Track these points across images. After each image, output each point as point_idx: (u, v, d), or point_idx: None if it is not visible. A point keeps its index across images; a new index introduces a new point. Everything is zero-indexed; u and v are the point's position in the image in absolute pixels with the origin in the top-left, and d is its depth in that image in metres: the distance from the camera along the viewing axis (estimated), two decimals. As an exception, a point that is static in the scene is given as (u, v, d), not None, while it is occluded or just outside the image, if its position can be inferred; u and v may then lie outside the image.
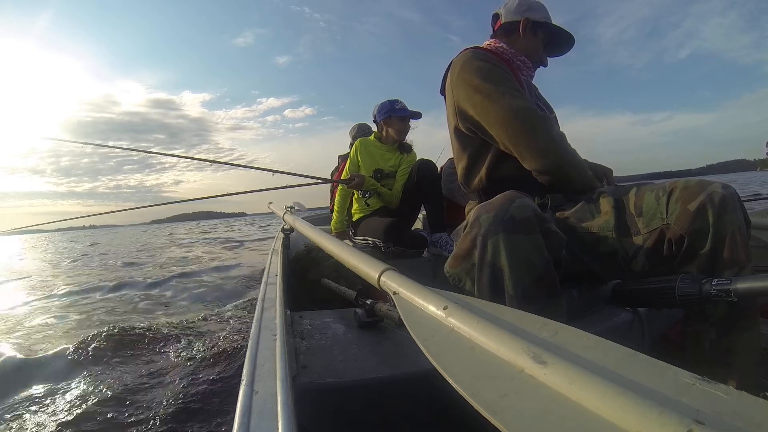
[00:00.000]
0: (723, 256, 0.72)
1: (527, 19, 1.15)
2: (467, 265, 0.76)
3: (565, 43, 1.24)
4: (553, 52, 1.25)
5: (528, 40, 1.16)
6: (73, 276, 5.21)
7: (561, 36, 1.21)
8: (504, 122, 0.98)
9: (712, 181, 0.77)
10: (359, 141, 2.18)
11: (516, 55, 1.15)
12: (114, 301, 3.21)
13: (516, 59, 1.14)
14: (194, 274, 4.40)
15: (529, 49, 1.16)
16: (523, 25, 1.15)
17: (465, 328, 0.41)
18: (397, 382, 0.66)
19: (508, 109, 0.97)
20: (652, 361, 0.32)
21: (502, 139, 1.00)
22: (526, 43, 1.16)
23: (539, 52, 1.18)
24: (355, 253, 0.73)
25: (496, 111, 0.99)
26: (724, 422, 0.24)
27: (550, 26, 1.18)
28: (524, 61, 1.16)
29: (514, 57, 1.14)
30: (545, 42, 1.18)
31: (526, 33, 1.15)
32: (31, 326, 2.43)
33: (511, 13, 1.17)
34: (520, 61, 1.15)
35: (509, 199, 0.72)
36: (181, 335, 1.96)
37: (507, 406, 0.31)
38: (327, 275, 1.46)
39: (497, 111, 0.99)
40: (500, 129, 0.99)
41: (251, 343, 0.59)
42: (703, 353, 0.76)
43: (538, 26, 1.16)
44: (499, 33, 1.19)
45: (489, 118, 1.00)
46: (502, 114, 0.98)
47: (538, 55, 1.19)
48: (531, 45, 1.16)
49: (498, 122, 0.99)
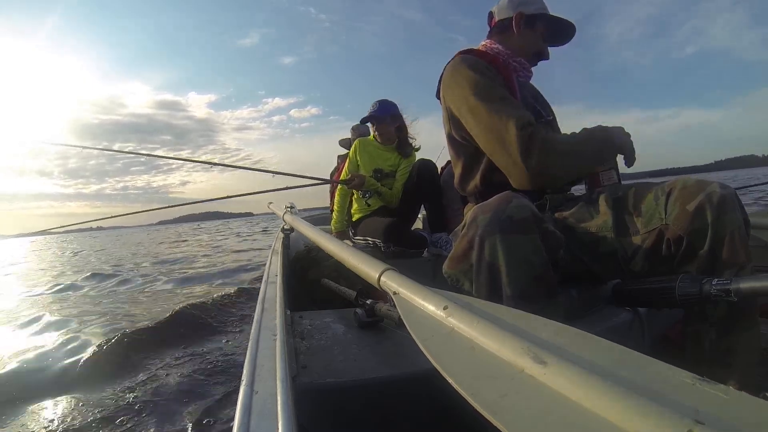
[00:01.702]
0: (722, 256, 0.72)
1: (521, 13, 1.10)
2: (465, 266, 0.76)
3: (566, 32, 1.19)
4: (554, 43, 1.19)
5: (524, 36, 1.11)
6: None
7: (560, 25, 1.16)
8: (491, 143, 0.96)
9: (711, 181, 0.77)
10: (358, 141, 2.18)
11: (511, 56, 1.10)
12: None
13: (511, 60, 1.10)
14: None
15: (527, 45, 1.12)
16: (516, 21, 1.10)
17: (465, 328, 0.41)
18: (397, 382, 0.66)
19: (496, 130, 0.93)
20: (652, 361, 0.32)
21: (489, 156, 0.99)
22: (523, 39, 1.11)
23: (538, 45, 1.13)
24: (355, 253, 0.73)
25: (483, 131, 0.96)
26: (724, 422, 0.24)
27: (547, 17, 1.13)
28: (521, 62, 1.12)
29: (509, 58, 1.10)
30: (544, 34, 1.13)
31: (522, 28, 1.11)
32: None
33: (504, 10, 1.13)
34: (515, 62, 1.11)
35: (506, 200, 0.72)
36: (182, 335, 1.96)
37: (507, 406, 0.31)
38: (327, 275, 1.46)
39: (484, 131, 0.96)
40: (487, 148, 0.98)
41: (251, 343, 0.59)
42: (703, 353, 0.76)
43: (533, 19, 1.11)
44: (494, 32, 1.16)
45: (478, 137, 0.99)
46: (488, 135, 0.95)
47: (538, 49, 1.13)
48: (528, 40, 1.11)
49: (485, 141, 0.97)
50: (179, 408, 1.25)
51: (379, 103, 2.11)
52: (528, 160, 0.90)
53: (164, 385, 1.42)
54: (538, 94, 1.20)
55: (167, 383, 1.43)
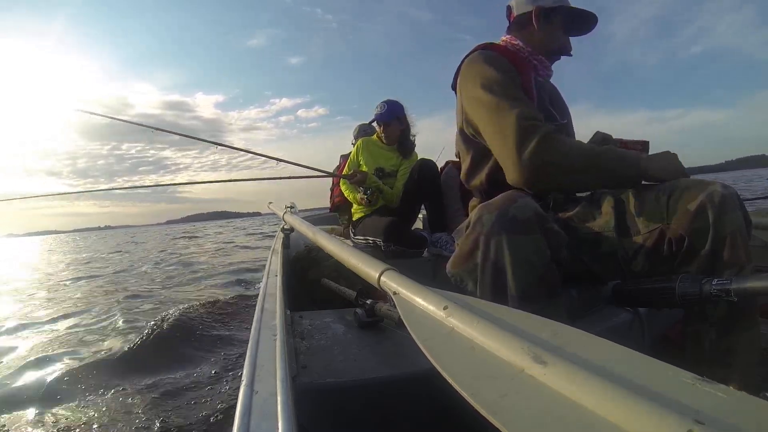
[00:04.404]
0: (723, 256, 0.72)
1: (539, 7, 1.05)
2: (469, 266, 0.76)
3: (587, 22, 1.12)
4: (575, 33, 1.13)
5: (544, 31, 1.06)
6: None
7: (581, 17, 1.10)
8: (493, 137, 0.94)
9: (712, 180, 0.77)
10: (361, 141, 2.18)
11: (532, 53, 1.06)
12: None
13: (532, 58, 1.06)
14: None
15: (547, 41, 1.07)
16: (536, 16, 1.05)
17: (465, 328, 0.41)
18: (397, 382, 0.66)
19: (498, 123, 0.91)
20: (652, 361, 0.32)
21: (492, 150, 0.97)
22: (543, 34, 1.06)
23: (560, 40, 1.08)
24: (355, 253, 0.73)
25: (489, 124, 0.94)
26: (724, 422, 0.24)
27: (566, 9, 1.07)
28: (541, 60, 1.07)
29: (530, 56, 1.06)
30: (565, 27, 1.08)
31: (541, 23, 1.06)
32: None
33: (522, 4, 1.08)
34: (536, 60, 1.07)
35: (511, 199, 0.72)
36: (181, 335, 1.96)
37: (507, 406, 0.31)
38: (327, 275, 1.46)
39: (489, 124, 0.94)
40: (490, 141, 0.96)
41: (251, 343, 0.59)
42: (703, 353, 0.76)
43: (552, 12, 1.06)
44: (514, 28, 1.11)
45: (485, 131, 0.97)
46: (492, 128, 0.94)
47: (559, 44, 1.09)
48: (548, 35, 1.06)
49: (490, 135, 0.96)
50: (179, 408, 1.25)
51: (387, 104, 2.09)
52: (522, 150, 0.86)
53: (164, 385, 1.42)
54: (556, 94, 1.15)
55: (167, 382, 1.43)
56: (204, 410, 1.22)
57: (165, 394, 1.34)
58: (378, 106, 2.10)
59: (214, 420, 1.16)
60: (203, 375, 1.49)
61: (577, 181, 0.89)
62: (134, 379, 1.49)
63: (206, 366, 1.57)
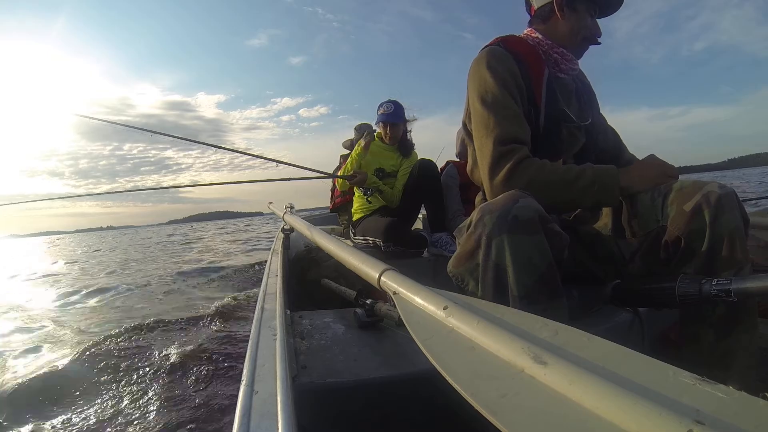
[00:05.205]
0: (721, 256, 0.72)
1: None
2: (471, 265, 0.76)
3: (611, 3, 1.04)
4: (603, 14, 1.06)
5: (569, 21, 0.99)
6: None
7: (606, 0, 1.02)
8: (477, 150, 0.93)
9: (709, 181, 0.77)
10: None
11: (552, 46, 1.00)
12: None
13: (552, 52, 1.00)
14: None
15: (574, 30, 1.00)
16: (558, 5, 0.99)
17: (465, 328, 0.41)
18: (397, 382, 0.66)
19: (481, 140, 0.90)
20: (652, 361, 0.32)
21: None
22: (568, 24, 0.99)
23: (587, 28, 1.00)
24: (355, 253, 0.73)
25: (476, 137, 0.93)
26: (724, 422, 0.24)
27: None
28: (563, 54, 1.00)
29: (551, 50, 1.00)
30: (591, 12, 1.01)
31: (566, 13, 0.99)
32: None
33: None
34: (557, 54, 1.00)
35: (513, 199, 0.72)
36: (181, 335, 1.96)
37: (507, 406, 0.31)
38: (327, 275, 1.46)
39: (477, 137, 0.93)
40: (477, 155, 0.95)
41: (251, 343, 0.59)
42: (702, 353, 0.76)
43: (575, 0, 0.99)
44: (535, 20, 1.04)
45: (474, 140, 0.96)
46: (477, 142, 0.93)
47: (586, 33, 1.01)
48: (574, 25, 0.99)
49: (476, 147, 0.94)
50: (179, 408, 1.25)
51: (393, 104, 2.09)
52: (493, 176, 0.87)
53: (163, 384, 1.42)
54: (582, 89, 1.09)
55: (167, 382, 1.43)
56: (204, 410, 1.22)
57: (165, 395, 1.34)
58: (383, 105, 2.09)
59: (214, 420, 1.16)
60: (203, 375, 1.49)
61: (552, 207, 0.85)
62: (133, 379, 1.49)
63: (206, 366, 1.57)
